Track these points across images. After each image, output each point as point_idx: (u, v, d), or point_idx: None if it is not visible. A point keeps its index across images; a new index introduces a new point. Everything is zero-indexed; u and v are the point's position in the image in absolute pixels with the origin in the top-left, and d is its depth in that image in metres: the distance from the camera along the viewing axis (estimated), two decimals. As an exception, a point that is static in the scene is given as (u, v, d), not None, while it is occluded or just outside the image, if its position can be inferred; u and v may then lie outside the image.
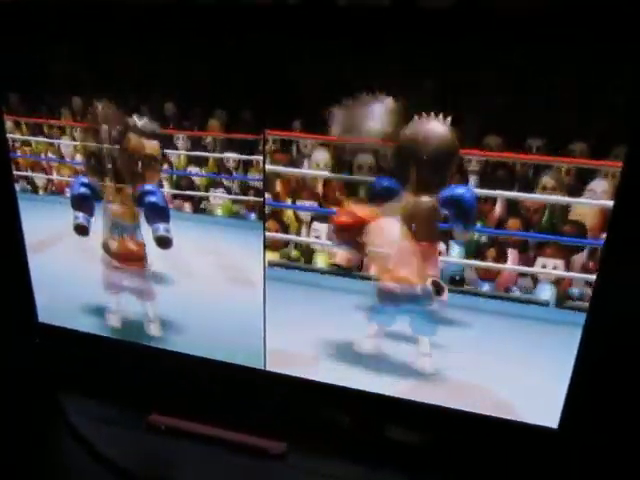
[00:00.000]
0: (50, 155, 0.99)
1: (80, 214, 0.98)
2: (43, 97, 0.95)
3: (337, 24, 0.75)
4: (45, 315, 1.10)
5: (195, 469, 0.91)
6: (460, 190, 0.76)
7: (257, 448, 0.93)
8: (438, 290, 0.83)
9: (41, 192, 1.02)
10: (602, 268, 0.76)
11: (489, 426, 0.88)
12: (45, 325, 1.10)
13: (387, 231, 0.83)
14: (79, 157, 0.96)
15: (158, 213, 0.93)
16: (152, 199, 0.93)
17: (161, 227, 0.93)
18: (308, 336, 0.92)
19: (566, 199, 0.73)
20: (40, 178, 1.02)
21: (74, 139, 0.95)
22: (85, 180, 0.96)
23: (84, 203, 0.97)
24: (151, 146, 0.90)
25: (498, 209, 0.76)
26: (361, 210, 0.82)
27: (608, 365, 0.81)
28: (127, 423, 0.99)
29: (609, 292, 0.76)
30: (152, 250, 0.96)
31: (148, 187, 0.93)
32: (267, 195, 0.87)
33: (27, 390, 1.06)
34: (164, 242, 0.94)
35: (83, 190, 0.97)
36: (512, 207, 0.76)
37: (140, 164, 0.92)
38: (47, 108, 0.95)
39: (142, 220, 0.95)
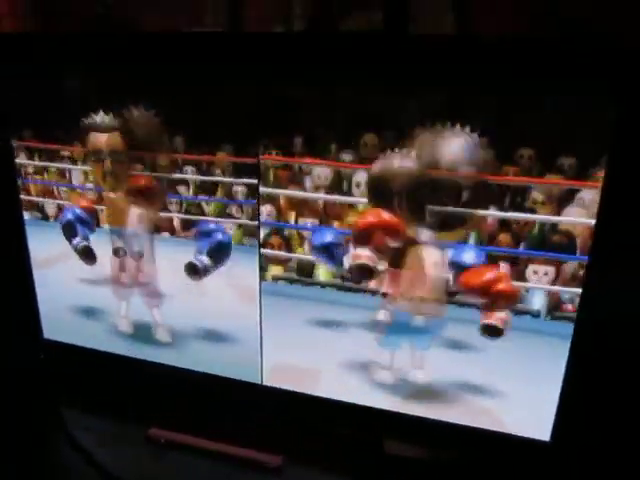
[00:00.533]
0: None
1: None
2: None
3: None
4: (50, 331, 1.13)
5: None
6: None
7: (254, 461, 0.95)
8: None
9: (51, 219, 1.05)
10: (588, 279, 0.78)
11: (480, 438, 0.90)
12: (50, 341, 1.13)
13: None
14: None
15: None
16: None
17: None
18: (307, 351, 0.94)
19: (554, 218, 0.75)
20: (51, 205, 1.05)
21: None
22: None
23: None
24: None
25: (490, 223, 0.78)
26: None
27: (598, 375, 0.82)
28: (127, 436, 1.01)
29: (596, 302, 0.78)
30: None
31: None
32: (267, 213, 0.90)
33: (30, 402, 1.09)
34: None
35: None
36: (503, 222, 0.78)
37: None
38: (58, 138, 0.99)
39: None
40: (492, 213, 0.78)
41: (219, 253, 0.94)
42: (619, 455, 0.86)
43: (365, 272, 0.86)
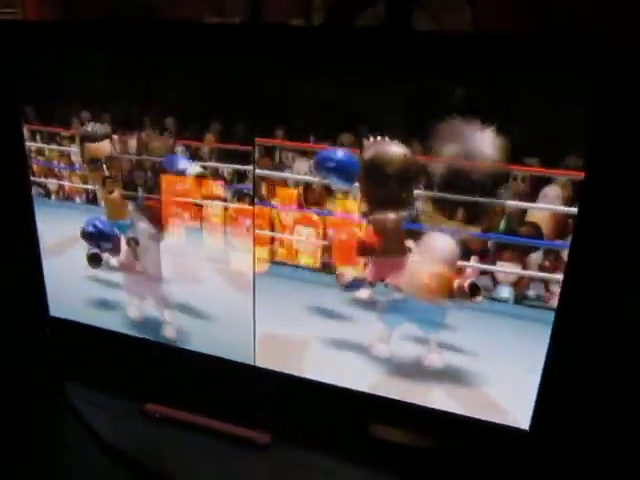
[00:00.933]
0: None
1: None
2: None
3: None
4: (56, 309, 1.18)
5: (184, 454, 0.97)
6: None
7: (244, 438, 0.99)
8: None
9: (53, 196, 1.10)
10: (569, 266, 0.80)
11: (461, 425, 0.93)
12: (55, 318, 1.18)
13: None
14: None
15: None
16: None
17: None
18: (298, 332, 0.98)
19: (528, 204, 0.78)
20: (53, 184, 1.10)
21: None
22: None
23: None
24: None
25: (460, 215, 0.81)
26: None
27: (578, 365, 0.85)
28: (125, 411, 1.06)
29: (577, 291, 0.80)
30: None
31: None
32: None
33: (35, 378, 1.14)
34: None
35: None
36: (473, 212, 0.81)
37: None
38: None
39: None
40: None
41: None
42: (599, 444, 0.88)
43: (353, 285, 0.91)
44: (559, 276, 0.80)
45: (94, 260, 1.07)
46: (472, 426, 0.93)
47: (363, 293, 0.93)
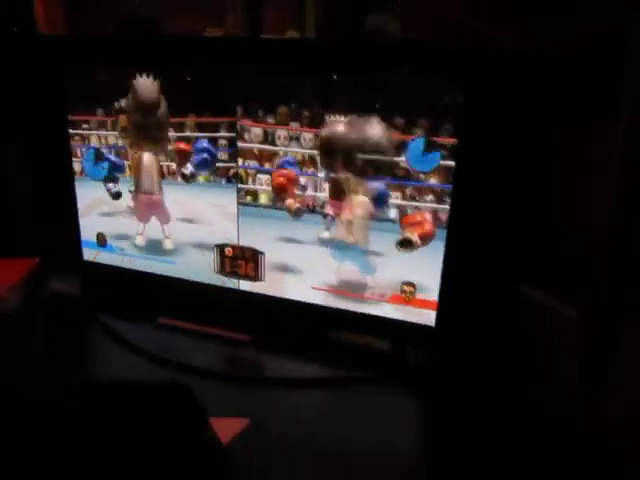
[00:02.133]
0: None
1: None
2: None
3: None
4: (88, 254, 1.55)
5: (187, 350, 1.33)
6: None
7: (231, 339, 1.36)
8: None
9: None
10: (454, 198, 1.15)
11: (392, 326, 1.28)
12: (86, 261, 1.55)
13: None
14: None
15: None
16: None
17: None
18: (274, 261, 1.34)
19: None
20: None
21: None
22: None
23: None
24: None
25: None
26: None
27: (467, 273, 1.19)
28: (146, 323, 1.43)
29: (460, 215, 1.15)
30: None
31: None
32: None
33: (72, 306, 1.50)
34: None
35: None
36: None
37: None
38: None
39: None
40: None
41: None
42: (493, 336, 1.22)
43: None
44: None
45: (117, 196, 1.44)
46: (397, 325, 1.28)
47: (325, 234, 1.29)
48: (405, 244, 1.20)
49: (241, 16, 2.41)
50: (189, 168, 1.35)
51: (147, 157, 1.39)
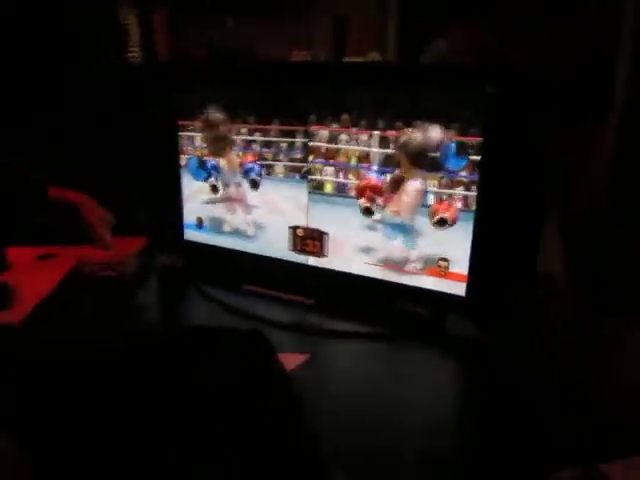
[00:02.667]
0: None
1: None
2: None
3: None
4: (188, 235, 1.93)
5: (264, 309, 1.66)
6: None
7: (298, 301, 1.68)
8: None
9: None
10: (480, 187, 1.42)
11: (431, 296, 1.55)
12: (186, 240, 1.92)
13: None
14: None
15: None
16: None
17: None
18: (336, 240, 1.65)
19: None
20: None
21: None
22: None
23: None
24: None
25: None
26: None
27: (493, 249, 1.45)
28: (231, 289, 1.78)
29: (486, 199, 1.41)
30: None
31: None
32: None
33: (175, 275, 1.88)
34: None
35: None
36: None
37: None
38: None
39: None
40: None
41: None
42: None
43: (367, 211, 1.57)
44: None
45: (215, 189, 1.80)
46: (434, 295, 1.55)
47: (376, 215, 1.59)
48: (441, 223, 1.48)
49: (328, 39, 2.84)
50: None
51: (227, 161, 1.76)
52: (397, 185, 1.53)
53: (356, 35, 3.39)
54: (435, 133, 1.44)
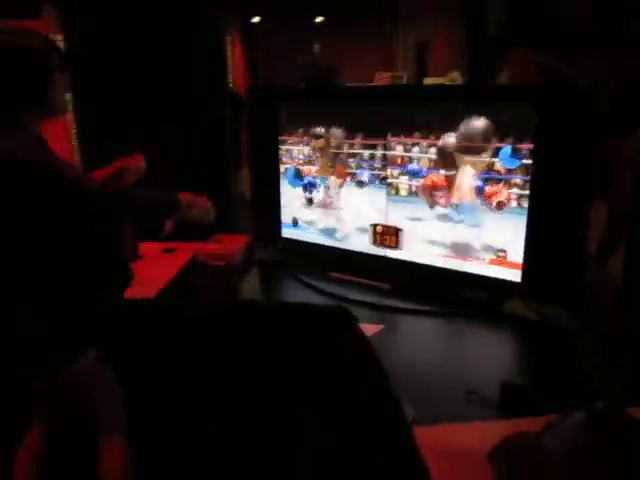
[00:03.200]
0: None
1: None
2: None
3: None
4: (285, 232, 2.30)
5: (347, 292, 1.98)
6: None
7: (376, 286, 1.99)
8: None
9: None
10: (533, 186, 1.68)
11: (487, 282, 1.81)
12: (284, 238, 2.29)
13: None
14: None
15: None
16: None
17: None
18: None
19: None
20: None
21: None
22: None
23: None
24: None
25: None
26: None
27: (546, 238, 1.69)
28: (320, 276, 2.12)
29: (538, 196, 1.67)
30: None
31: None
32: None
33: (274, 266, 2.24)
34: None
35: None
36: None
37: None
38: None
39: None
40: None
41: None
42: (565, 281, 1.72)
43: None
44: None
45: (310, 201, 2.16)
46: (493, 280, 1.81)
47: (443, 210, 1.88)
48: (500, 205, 1.74)
49: (410, 61, 3.18)
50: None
51: (325, 171, 2.11)
52: (454, 177, 1.82)
53: (437, 57, 3.72)
54: (479, 123, 1.72)
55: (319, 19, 5.00)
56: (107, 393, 1.26)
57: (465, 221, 1.84)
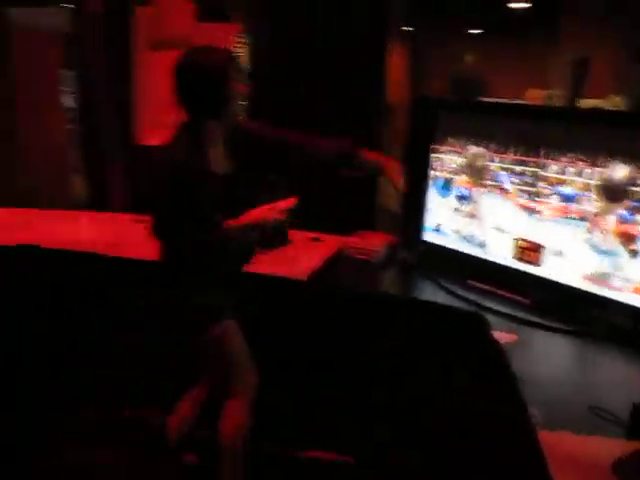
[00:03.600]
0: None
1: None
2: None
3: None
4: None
5: (484, 300, 2.09)
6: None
7: (514, 299, 2.07)
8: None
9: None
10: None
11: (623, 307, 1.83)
12: (424, 241, 2.43)
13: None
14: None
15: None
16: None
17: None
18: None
19: None
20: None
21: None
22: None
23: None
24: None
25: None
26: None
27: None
28: (458, 282, 2.23)
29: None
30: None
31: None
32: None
33: (412, 267, 2.39)
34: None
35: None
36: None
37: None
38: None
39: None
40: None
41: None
42: None
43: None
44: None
45: (456, 210, 2.28)
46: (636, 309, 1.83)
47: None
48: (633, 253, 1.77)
49: (565, 78, 3.18)
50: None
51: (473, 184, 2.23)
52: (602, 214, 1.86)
53: (597, 77, 3.59)
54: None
55: (475, 31, 5.00)
56: (241, 357, 1.45)
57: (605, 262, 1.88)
